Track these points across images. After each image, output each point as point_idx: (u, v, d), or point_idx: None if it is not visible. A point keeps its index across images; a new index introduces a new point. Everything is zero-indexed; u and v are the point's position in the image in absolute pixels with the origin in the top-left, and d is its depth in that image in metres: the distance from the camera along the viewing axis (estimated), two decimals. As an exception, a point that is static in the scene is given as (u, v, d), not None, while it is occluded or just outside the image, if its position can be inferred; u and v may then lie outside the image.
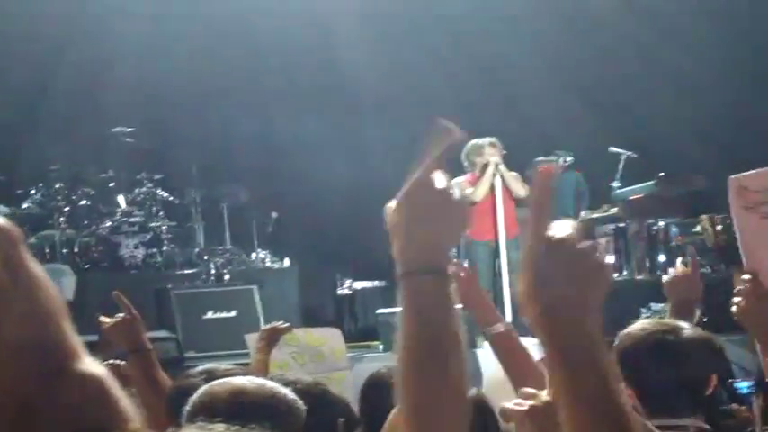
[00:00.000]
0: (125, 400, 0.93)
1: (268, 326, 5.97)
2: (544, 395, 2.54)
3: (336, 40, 15.34)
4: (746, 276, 3.04)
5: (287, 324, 6.01)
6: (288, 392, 2.89)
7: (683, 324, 3.60)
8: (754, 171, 3.02)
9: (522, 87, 15.49)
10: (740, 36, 15.18)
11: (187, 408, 2.83)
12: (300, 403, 2.88)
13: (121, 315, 4.56)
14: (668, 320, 3.74)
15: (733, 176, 2.97)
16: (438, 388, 1.92)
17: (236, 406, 2.77)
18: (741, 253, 3.09)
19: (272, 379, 3.63)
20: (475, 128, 12.67)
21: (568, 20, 15.56)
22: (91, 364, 0.92)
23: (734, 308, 3.11)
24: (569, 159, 14.07)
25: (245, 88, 15.11)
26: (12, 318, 0.86)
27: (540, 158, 13.97)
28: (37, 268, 0.90)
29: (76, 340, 0.92)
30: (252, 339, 6.03)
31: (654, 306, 10.92)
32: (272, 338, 5.75)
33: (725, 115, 15.18)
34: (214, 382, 2.92)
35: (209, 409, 2.76)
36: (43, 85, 14.52)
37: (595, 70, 15.60)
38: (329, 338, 7.33)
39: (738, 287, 3.12)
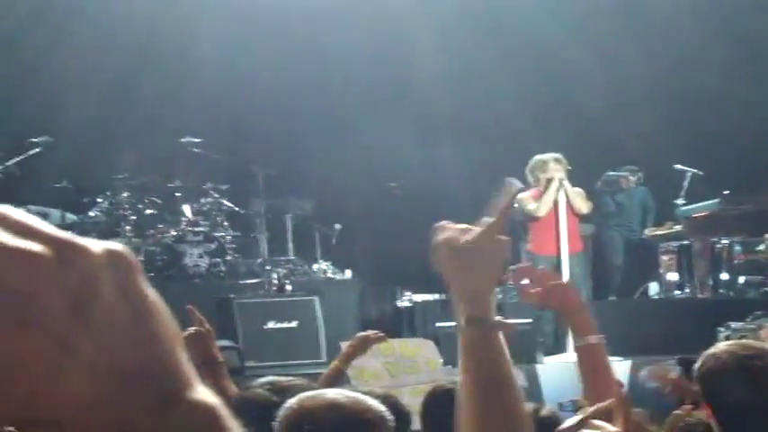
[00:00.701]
0: (237, 430, 0.95)
1: (361, 333, 5.88)
2: (611, 428, 2.56)
3: (407, 52, 15.41)
4: None
5: (380, 333, 5.90)
6: (378, 404, 2.90)
7: None
8: None
9: (592, 102, 15.46)
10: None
11: (280, 422, 2.84)
12: (389, 415, 2.90)
13: (194, 328, 4.62)
14: (755, 343, 3.68)
15: None
16: (498, 423, 2.25)
17: (334, 420, 2.79)
18: None
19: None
20: (543, 141, 12.74)
21: (640, 35, 15.51)
22: (204, 393, 0.93)
23: None
24: (639, 175, 14.06)
25: (314, 100, 15.21)
26: (128, 347, 0.88)
27: (611, 173, 13.96)
28: (154, 295, 0.92)
29: (190, 369, 0.93)
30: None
31: (733, 324, 10.85)
32: (360, 347, 5.66)
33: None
34: (304, 396, 2.91)
35: (307, 424, 2.78)
36: (113, 94, 14.70)
37: (665, 86, 15.54)
38: (423, 349, 7.30)
39: None
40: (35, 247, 0.85)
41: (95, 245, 0.88)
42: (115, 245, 0.90)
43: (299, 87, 15.21)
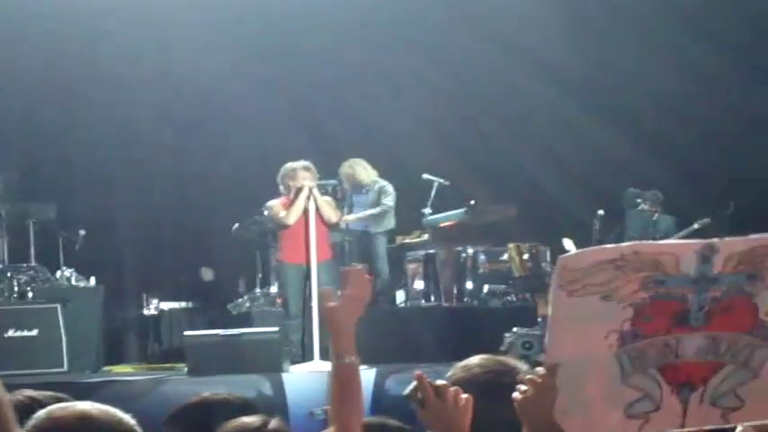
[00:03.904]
0: None
1: None
2: None
3: (166, 48, 15.18)
4: (542, 370, 3.08)
5: None
6: (129, 418, 2.82)
7: (521, 366, 3.60)
8: (579, 250, 3.12)
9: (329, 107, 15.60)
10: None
11: None
12: (140, 430, 2.84)
13: None
14: (507, 360, 3.72)
15: (561, 256, 3.06)
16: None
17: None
18: (546, 334, 3.16)
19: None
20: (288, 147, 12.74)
21: (401, 37, 15.73)
22: None
23: (516, 394, 3.14)
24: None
25: (56, 103, 14.82)
26: None
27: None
28: None
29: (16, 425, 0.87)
30: None
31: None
32: None
33: (541, 147, 15.55)
34: (54, 407, 2.82)
35: None
36: None
37: (421, 92, 15.76)
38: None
39: (528, 376, 3.15)
40: None
41: None
42: None
43: (47, 89, 14.79)
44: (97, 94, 14.91)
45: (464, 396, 3.18)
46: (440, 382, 3.21)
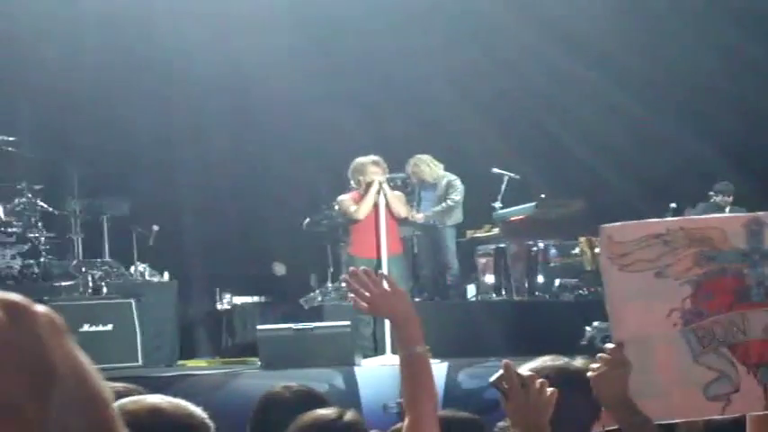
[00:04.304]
0: None
1: None
2: None
3: (232, 47, 15.25)
4: (612, 346, 3.08)
5: None
6: (200, 411, 2.87)
7: (580, 363, 3.60)
8: (623, 222, 3.10)
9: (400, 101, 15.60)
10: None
11: None
12: (211, 423, 2.88)
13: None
14: (569, 360, 3.73)
15: (603, 225, 3.04)
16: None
17: (156, 425, 2.76)
18: (606, 305, 3.17)
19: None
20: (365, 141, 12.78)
21: (464, 34, 15.71)
22: None
23: (590, 373, 3.13)
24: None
25: (130, 101, 14.95)
26: (76, 411, 0.85)
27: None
28: (84, 356, 0.90)
29: (121, 424, 0.92)
30: None
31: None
32: None
33: (604, 142, 15.48)
34: (126, 401, 2.88)
35: (130, 429, 2.74)
36: None
37: (486, 88, 15.73)
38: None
39: (600, 354, 3.15)
40: None
41: (34, 305, 0.85)
42: (44, 307, 0.88)
43: (120, 86, 14.93)
44: (170, 92, 15.04)
45: (549, 390, 3.16)
46: (526, 372, 3.18)
